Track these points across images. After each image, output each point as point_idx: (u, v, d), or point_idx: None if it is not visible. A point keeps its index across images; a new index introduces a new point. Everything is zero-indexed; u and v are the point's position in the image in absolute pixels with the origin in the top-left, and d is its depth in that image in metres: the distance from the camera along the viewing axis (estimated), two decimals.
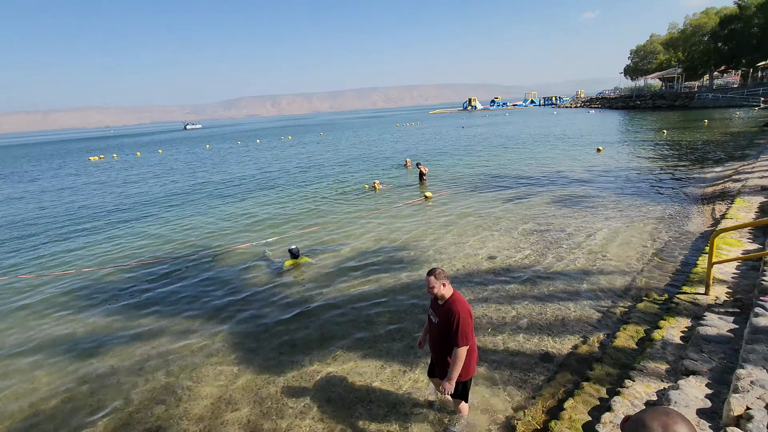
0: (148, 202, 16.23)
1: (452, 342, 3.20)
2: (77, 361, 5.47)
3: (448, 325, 3.22)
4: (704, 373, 3.68)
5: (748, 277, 5.53)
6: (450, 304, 3.25)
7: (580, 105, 79.35)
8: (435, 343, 3.47)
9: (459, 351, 3.20)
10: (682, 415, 1.05)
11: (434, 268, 3.32)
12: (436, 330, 3.40)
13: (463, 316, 3.18)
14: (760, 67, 50.80)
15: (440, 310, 3.31)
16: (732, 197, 9.79)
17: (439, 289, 3.26)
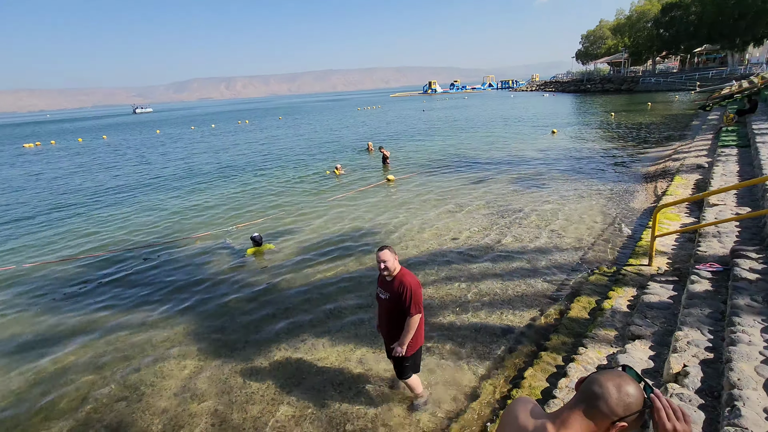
0: (93, 191, 15.22)
1: (406, 312, 3.30)
2: (25, 362, 5.14)
3: (399, 298, 3.30)
4: (648, 336, 4.01)
5: (686, 248, 6.02)
6: (401, 278, 3.32)
7: (536, 88, 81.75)
8: (385, 320, 3.54)
9: (413, 319, 3.32)
10: (634, 380, 1.15)
11: (384, 244, 3.40)
12: (385, 306, 3.45)
13: (414, 287, 3.29)
14: (697, 53, 54.33)
15: (389, 286, 3.36)
16: (672, 175, 10.54)
17: (392, 263, 3.29)
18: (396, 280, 3.34)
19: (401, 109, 54.68)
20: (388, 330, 3.55)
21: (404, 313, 3.33)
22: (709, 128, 16.94)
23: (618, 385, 1.12)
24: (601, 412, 1.12)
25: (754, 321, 3.48)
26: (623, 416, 1.10)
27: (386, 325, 3.54)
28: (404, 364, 3.55)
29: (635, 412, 1.11)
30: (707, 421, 2.72)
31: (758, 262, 4.51)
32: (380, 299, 3.52)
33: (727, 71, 45.99)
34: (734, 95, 26.98)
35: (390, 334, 3.53)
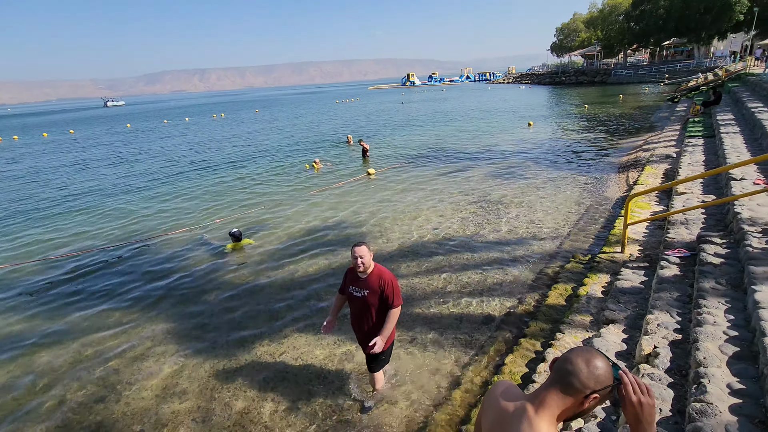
0: (61, 189, 14.64)
1: (389, 305, 3.33)
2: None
3: (378, 293, 3.30)
4: (621, 320, 4.18)
5: (656, 235, 6.27)
6: (378, 273, 3.33)
7: (512, 81, 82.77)
8: (362, 317, 3.45)
9: (396, 311, 3.37)
10: (601, 353, 1.22)
11: (361, 240, 3.45)
12: (362, 303, 3.39)
13: (394, 280, 3.36)
14: (665, 46, 55.98)
15: (365, 282, 3.34)
16: (642, 165, 10.90)
17: (369, 259, 3.28)
18: (373, 276, 3.33)
19: (380, 102, 54.47)
20: (366, 327, 3.47)
21: (385, 307, 3.35)
22: (677, 119, 17.56)
23: (587, 360, 1.19)
24: (574, 387, 1.18)
25: (719, 303, 3.67)
26: (595, 389, 1.17)
27: (364, 322, 3.46)
28: (380, 357, 3.57)
29: (606, 385, 1.18)
30: (676, 398, 2.87)
31: (722, 247, 4.74)
32: (354, 297, 3.43)
33: (693, 64, 47.63)
34: (700, 87, 28.01)
35: (369, 331, 3.46)
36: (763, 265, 3.90)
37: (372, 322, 3.43)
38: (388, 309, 3.36)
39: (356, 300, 3.43)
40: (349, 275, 3.51)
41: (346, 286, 3.51)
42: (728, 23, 42.13)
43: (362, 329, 3.52)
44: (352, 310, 3.56)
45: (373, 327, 3.44)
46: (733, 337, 3.19)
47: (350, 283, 3.46)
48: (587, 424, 2.89)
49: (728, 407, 2.54)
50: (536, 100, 40.07)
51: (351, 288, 3.45)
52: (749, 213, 5.25)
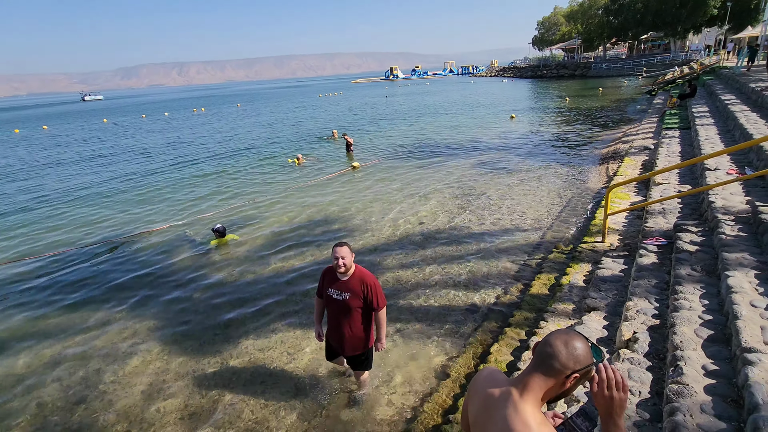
0: (35, 187, 14.17)
1: (374, 308, 3.26)
2: None
3: (359, 295, 3.20)
4: (602, 308, 4.29)
5: (635, 225, 6.44)
6: (360, 276, 3.22)
7: (495, 74, 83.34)
8: (343, 321, 3.30)
9: (383, 312, 3.31)
10: (580, 333, 1.26)
11: (342, 240, 3.23)
12: (341, 306, 3.26)
13: (376, 281, 3.28)
14: (643, 39, 57.10)
15: (346, 285, 3.21)
16: (622, 157, 11.15)
17: (350, 260, 3.15)
18: (354, 278, 3.21)
19: (364, 96, 54.18)
20: (348, 331, 3.32)
21: (369, 310, 3.28)
22: (654, 112, 17.98)
23: (565, 342, 1.22)
24: (555, 368, 1.21)
25: (694, 288, 3.80)
26: (575, 369, 1.21)
27: (345, 326, 3.31)
28: (362, 358, 3.52)
29: (586, 365, 1.21)
30: (654, 381, 2.98)
31: (697, 235, 4.90)
32: (334, 300, 3.27)
33: (670, 57, 48.77)
34: (676, 80, 28.71)
35: (352, 335, 3.33)
36: (736, 252, 4.05)
37: (354, 326, 3.30)
38: (374, 312, 3.29)
39: (336, 303, 3.27)
40: (326, 277, 3.34)
41: (324, 289, 3.34)
42: (703, 17, 43.21)
43: (342, 333, 3.34)
44: (330, 312, 3.38)
45: (354, 332, 3.31)
46: (707, 321, 3.31)
47: (329, 285, 3.30)
48: (570, 408, 2.98)
49: (703, 388, 2.64)
50: (519, 93, 40.45)
51: (330, 290, 3.28)
52: (723, 202, 5.44)
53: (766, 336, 2.85)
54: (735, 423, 2.35)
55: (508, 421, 1.22)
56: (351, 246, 3.22)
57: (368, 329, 3.41)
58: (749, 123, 8.68)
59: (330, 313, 3.39)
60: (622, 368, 3.10)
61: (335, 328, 3.40)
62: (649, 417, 2.67)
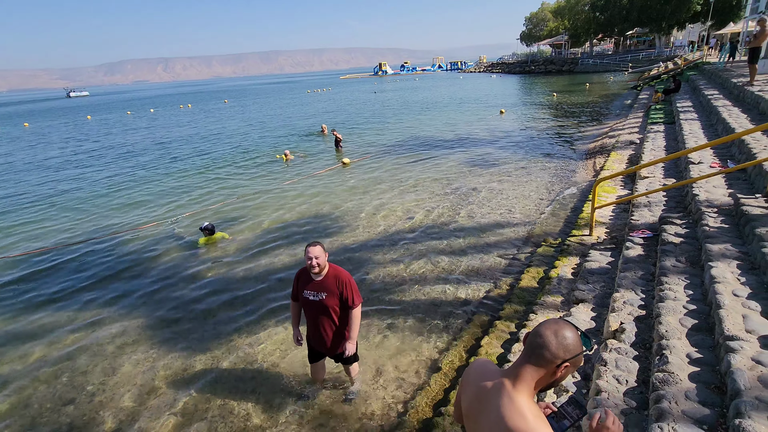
0: (17, 184, 13.84)
1: (350, 305, 3.22)
2: None
3: (336, 294, 3.17)
4: (590, 300, 4.36)
5: (621, 218, 6.54)
6: (335, 274, 3.19)
7: (483, 70, 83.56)
8: (321, 321, 3.26)
9: (357, 310, 3.27)
10: (569, 323, 1.27)
11: (315, 240, 3.15)
12: (318, 307, 3.21)
13: (351, 280, 3.24)
14: (629, 35, 57.76)
15: (321, 285, 3.17)
16: (608, 151, 11.30)
17: (324, 260, 3.11)
18: (329, 277, 3.17)
19: (352, 92, 53.93)
20: (327, 331, 3.29)
21: (346, 308, 3.24)
22: (640, 107, 18.23)
23: (555, 331, 1.24)
24: (546, 358, 1.23)
25: (679, 279, 3.88)
26: (565, 358, 1.23)
27: (325, 326, 3.27)
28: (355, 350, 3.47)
29: (576, 354, 1.23)
30: (641, 370, 3.04)
31: (682, 228, 5.00)
32: (310, 302, 3.22)
33: (655, 53, 49.43)
34: (661, 76, 29.13)
35: (332, 335, 3.31)
36: (719, 243, 4.14)
37: (334, 325, 3.28)
38: (350, 310, 3.24)
39: (312, 304, 3.22)
40: (301, 279, 3.28)
41: (299, 291, 3.27)
42: (686, 14, 43.84)
43: (322, 334, 3.31)
44: (307, 315, 3.34)
45: (336, 330, 3.30)
46: (692, 310, 3.39)
47: (303, 287, 3.24)
48: (560, 399, 3.02)
49: (688, 375, 2.71)
50: (507, 89, 40.66)
51: (306, 292, 3.22)
52: (706, 195, 5.55)
53: (747, 324, 2.92)
54: (718, 409, 2.42)
55: (502, 411, 1.23)
56: (324, 245, 3.16)
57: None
58: (731, 117, 8.85)
59: (308, 315, 3.33)
60: (609, 358, 3.16)
61: (315, 330, 3.34)
62: (636, 405, 2.72)
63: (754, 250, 3.84)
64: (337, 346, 3.39)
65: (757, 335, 2.81)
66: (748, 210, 4.42)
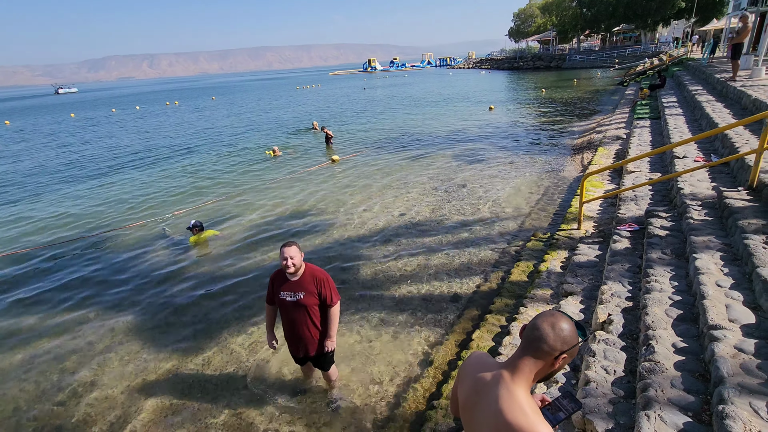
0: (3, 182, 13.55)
1: (329, 303, 3.20)
2: None
3: (314, 292, 3.14)
4: (578, 292, 4.43)
5: (608, 212, 6.64)
6: (311, 273, 3.16)
7: (472, 66, 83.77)
8: (299, 323, 3.21)
9: (336, 308, 3.25)
10: (565, 314, 1.30)
11: (290, 240, 3.11)
12: (296, 308, 3.16)
13: (329, 278, 3.22)
14: (615, 32, 58.38)
15: (298, 284, 3.13)
16: (596, 146, 11.44)
17: (299, 260, 3.07)
18: (306, 276, 3.14)
19: (342, 88, 53.68)
20: (306, 331, 3.24)
21: (324, 307, 3.22)
22: (626, 102, 18.47)
23: (552, 324, 1.26)
24: (544, 350, 1.25)
25: (664, 271, 3.96)
26: (563, 350, 1.25)
27: (303, 327, 3.22)
28: (329, 355, 3.46)
29: (572, 345, 1.26)
30: (628, 360, 3.10)
31: (667, 221, 5.10)
32: (288, 303, 3.16)
33: (641, 49, 50.08)
34: (647, 72, 29.53)
35: (312, 334, 3.27)
36: (703, 235, 4.24)
37: (314, 325, 3.24)
38: (328, 308, 3.22)
39: (290, 305, 3.17)
40: (276, 281, 3.22)
41: (275, 294, 3.21)
42: (671, 10, 44.46)
43: (301, 335, 3.26)
44: (284, 317, 3.26)
45: (315, 331, 3.26)
46: (677, 301, 3.46)
47: (279, 289, 3.18)
48: (550, 389, 3.08)
49: (673, 364, 2.77)
50: (496, 84, 40.84)
51: (282, 294, 3.16)
52: (690, 188, 5.66)
53: (730, 314, 3.00)
54: (702, 396, 2.48)
55: (501, 404, 1.24)
56: (300, 245, 3.12)
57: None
58: (714, 112, 9.03)
59: (285, 318, 3.26)
60: (598, 349, 3.22)
61: (294, 332, 3.28)
62: (624, 394, 2.78)
63: (736, 241, 3.93)
64: (317, 347, 3.35)
65: (740, 324, 2.89)
66: (731, 203, 4.53)
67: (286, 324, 3.31)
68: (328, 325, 3.27)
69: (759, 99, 7.92)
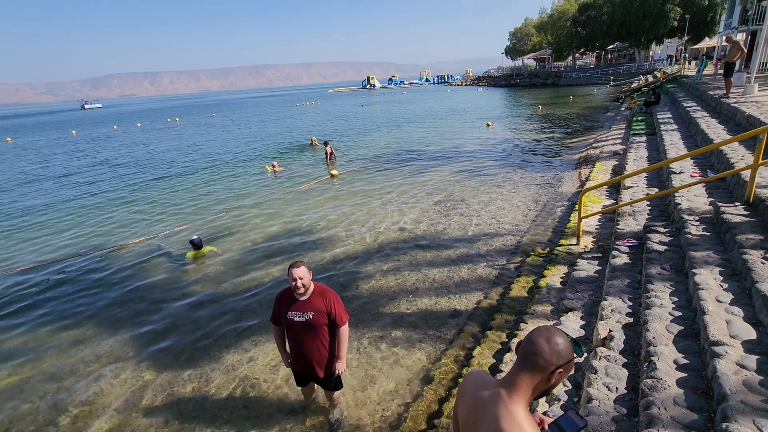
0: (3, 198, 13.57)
1: (338, 323, 3.14)
2: None
3: (323, 313, 3.09)
4: (579, 308, 4.41)
5: (607, 227, 6.66)
6: (321, 292, 3.12)
7: (470, 83, 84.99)
8: (308, 343, 3.16)
9: (345, 328, 3.20)
10: (559, 330, 1.30)
11: (298, 260, 3.10)
12: (306, 327, 3.11)
13: (338, 298, 3.18)
14: (610, 49, 59.52)
15: (308, 304, 3.08)
16: (593, 162, 11.54)
17: (308, 280, 3.03)
18: (315, 296, 3.09)
19: (341, 105, 54.33)
20: (316, 352, 3.19)
21: (333, 327, 3.16)
22: (622, 119, 18.70)
23: (547, 339, 1.27)
24: (540, 365, 1.26)
25: (664, 286, 3.96)
26: (558, 364, 1.25)
27: (312, 347, 3.17)
28: (339, 375, 3.40)
29: (568, 360, 1.26)
30: (630, 377, 3.08)
31: (665, 236, 5.12)
32: (296, 323, 3.10)
33: (635, 66, 51.02)
34: (642, 88, 29.98)
35: (322, 355, 3.21)
36: (701, 251, 4.25)
37: (323, 346, 3.19)
38: (337, 328, 3.17)
39: (298, 325, 3.10)
40: (283, 301, 3.15)
41: (282, 314, 3.15)
42: (664, 29, 45.45)
43: (309, 356, 3.20)
44: (291, 338, 3.20)
45: (324, 351, 3.20)
46: (677, 317, 3.45)
47: (287, 309, 3.11)
48: (551, 407, 3.04)
49: (675, 381, 2.75)
50: (493, 101, 41.37)
51: (290, 314, 3.10)
52: (688, 203, 5.69)
53: (731, 329, 2.99)
54: (706, 413, 2.46)
55: (500, 423, 1.24)
56: (308, 264, 3.09)
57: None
58: (709, 128, 9.14)
59: (293, 337, 3.20)
60: (599, 366, 3.19)
61: (302, 352, 3.21)
62: (627, 412, 2.75)
63: (734, 256, 3.94)
64: (326, 367, 3.29)
65: (741, 340, 2.88)
66: (728, 218, 4.55)
67: (293, 344, 3.24)
68: (338, 345, 3.20)
69: (753, 115, 8.04)
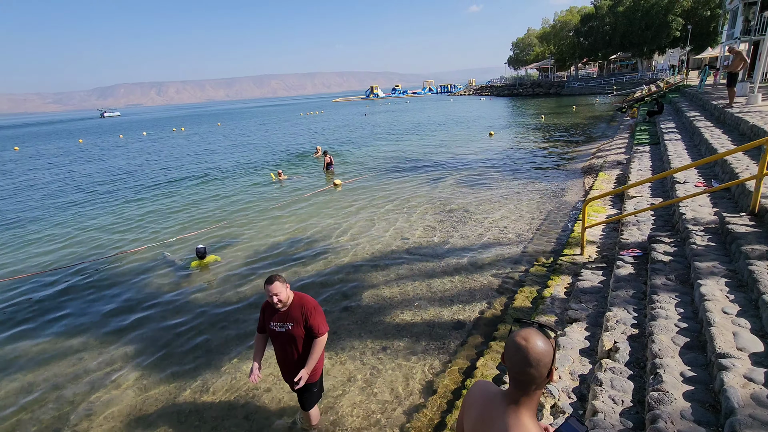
0: (4, 209, 13.68)
1: (314, 333, 3.11)
2: None
3: (301, 323, 3.09)
4: (583, 319, 4.38)
5: (611, 237, 6.63)
6: (299, 303, 3.13)
7: (473, 93, 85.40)
8: (289, 353, 3.17)
9: (322, 339, 3.16)
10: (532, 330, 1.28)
11: (272, 275, 3.08)
12: (286, 338, 3.12)
13: (317, 307, 3.16)
14: (612, 59, 59.78)
15: (287, 315, 3.10)
16: (597, 171, 11.52)
17: (285, 294, 3.05)
18: (294, 307, 3.10)
19: (345, 114, 54.71)
20: (293, 361, 3.18)
21: (311, 336, 3.13)
22: (625, 128, 18.72)
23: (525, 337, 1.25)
24: (535, 381, 1.25)
25: (669, 297, 3.93)
26: (548, 365, 1.24)
27: (291, 356, 3.17)
28: (313, 389, 3.37)
29: (554, 354, 1.25)
30: (636, 389, 3.04)
31: (670, 246, 5.08)
32: (278, 333, 3.14)
33: (638, 76, 51.11)
34: (645, 98, 30.02)
35: (296, 365, 3.17)
36: (707, 261, 4.22)
37: (298, 355, 3.17)
38: (314, 338, 3.14)
39: (280, 336, 3.14)
40: (267, 311, 3.21)
41: (266, 324, 3.20)
42: (666, 39, 45.67)
43: (289, 365, 3.21)
44: (276, 348, 3.25)
45: (299, 360, 3.17)
46: (683, 328, 3.42)
47: (269, 319, 3.16)
48: (556, 420, 3.00)
49: (682, 394, 2.71)
50: (496, 111, 41.53)
51: (272, 324, 3.14)
52: (692, 213, 5.67)
53: (738, 342, 2.95)
54: (713, 427, 2.42)
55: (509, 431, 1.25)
56: (282, 278, 3.07)
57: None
58: (713, 138, 9.13)
59: (277, 347, 3.23)
60: (605, 378, 3.16)
61: (284, 362, 3.24)
62: (633, 425, 2.71)
63: (740, 267, 3.91)
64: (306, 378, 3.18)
65: (748, 352, 2.84)
66: (734, 228, 4.52)
67: (277, 354, 3.27)
68: (311, 354, 3.13)
69: (757, 125, 8.02)
